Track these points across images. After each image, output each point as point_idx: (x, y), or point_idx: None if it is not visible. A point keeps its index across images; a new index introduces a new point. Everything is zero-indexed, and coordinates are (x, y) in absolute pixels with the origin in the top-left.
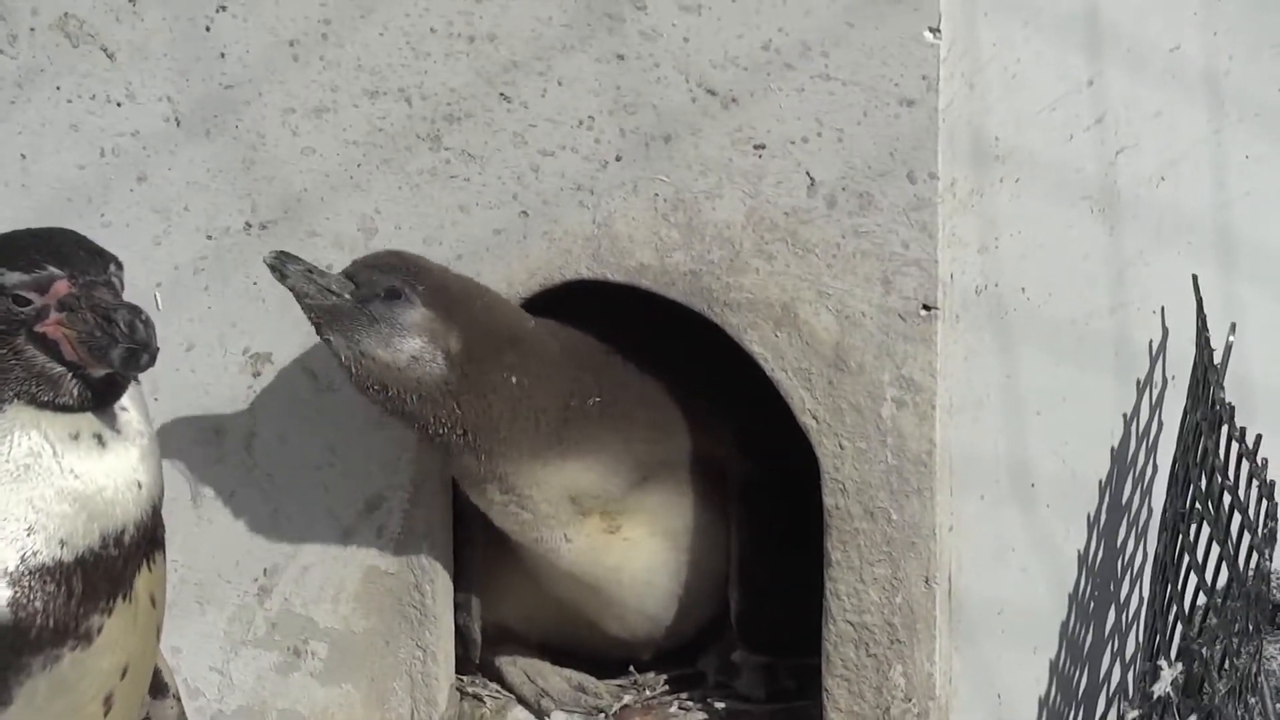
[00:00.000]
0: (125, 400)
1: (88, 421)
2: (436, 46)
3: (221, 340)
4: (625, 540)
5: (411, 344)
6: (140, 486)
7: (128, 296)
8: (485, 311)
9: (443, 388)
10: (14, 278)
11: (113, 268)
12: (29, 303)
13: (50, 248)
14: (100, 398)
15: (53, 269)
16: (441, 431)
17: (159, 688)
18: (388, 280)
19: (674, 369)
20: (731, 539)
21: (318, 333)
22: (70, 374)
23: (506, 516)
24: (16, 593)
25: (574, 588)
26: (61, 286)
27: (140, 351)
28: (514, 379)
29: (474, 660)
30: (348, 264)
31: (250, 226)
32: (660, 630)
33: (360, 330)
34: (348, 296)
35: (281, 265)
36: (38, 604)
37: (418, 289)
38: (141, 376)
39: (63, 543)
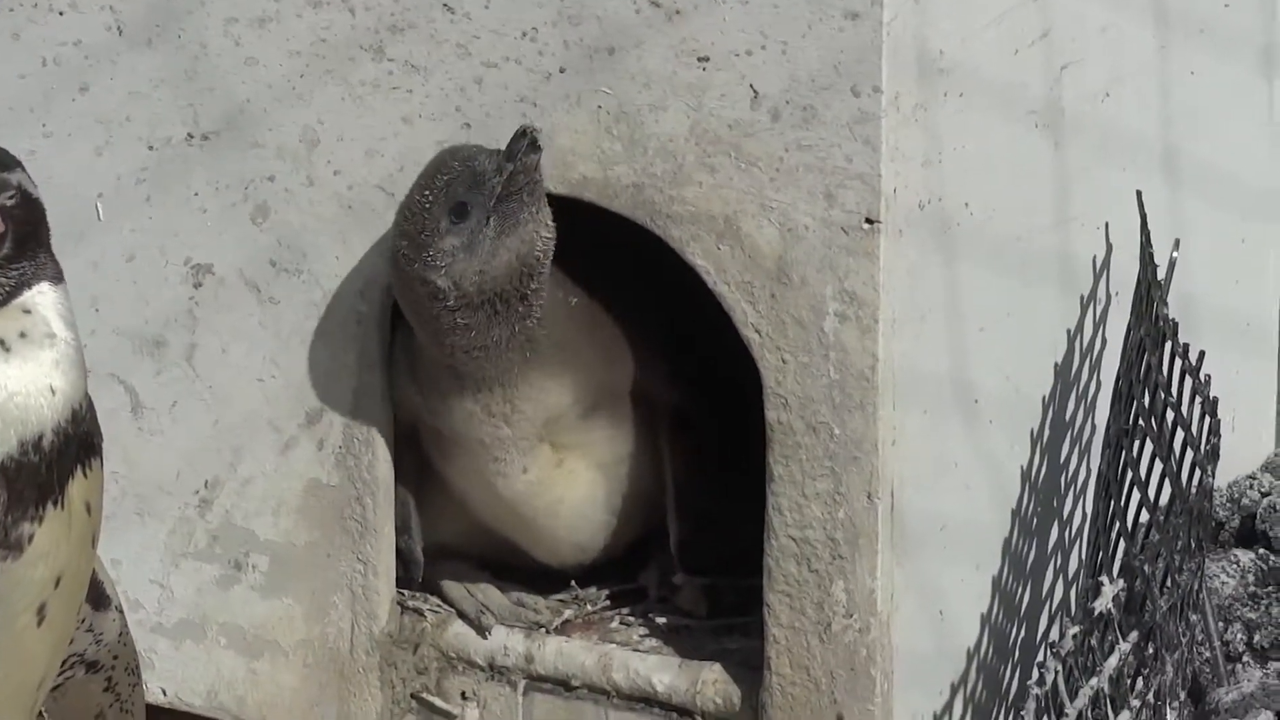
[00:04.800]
0: (33, 303)
1: None
2: None
3: (163, 251)
4: (569, 473)
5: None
6: (54, 391)
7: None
8: None
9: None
10: None
11: None
12: None
13: None
14: None
15: None
16: (530, 317)
17: (100, 599)
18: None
19: (617, 293)
20: (666, 470)
21: (514, 216)
22: None
23: (488, 431)
24: None
25: (508, 518)
26: None
27: None
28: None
29: (416, 580)
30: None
31: (192, 137)
32: (589, 557)
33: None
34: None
35: (535, 140)
36: None
37: None
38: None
39: None
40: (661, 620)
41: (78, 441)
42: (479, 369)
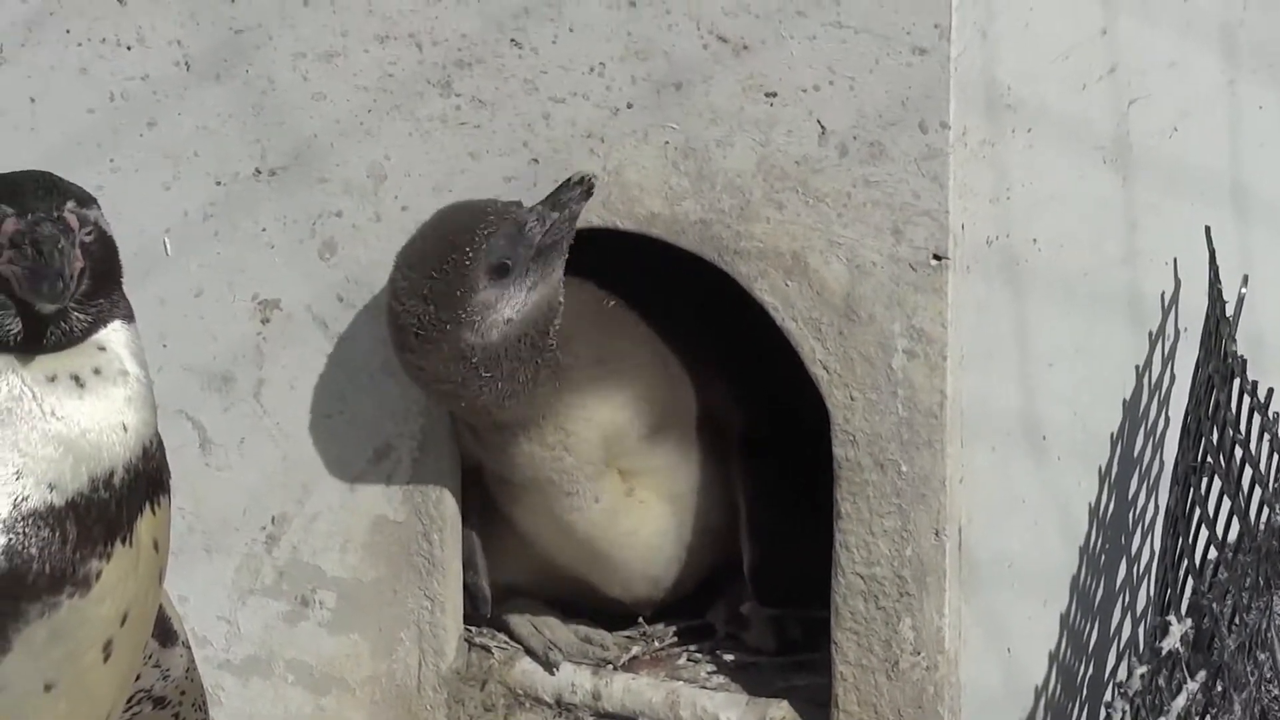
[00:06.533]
0: (107, 340)
1: (63, 362)
2: None
3: (231, 287)
4: (640, 503)
5: None
6: (126, 428)
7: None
8: None
9: None
10: None
11: (71, 204)
12: None
13: (8, 188)
14: (66, 335)
15: (4, 207)
16: (548, 349)
17: (168, 635)
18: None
19: (677, 320)
20: (739, 495)
21: (551, 265)
22: (27, 312)
23: (551, 465)
24: (11, 539)
25: (580, 554)
26: (10, 224)
27: (40, 276)
28: None
29: (484, 616)
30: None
31: (260, 172)
32: (660, 591)
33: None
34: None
35: (590, 187)
36: (33, 550)
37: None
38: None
39: (51, 486)
40: (729, 657)
41: (147, 479)
42: (517, 413)
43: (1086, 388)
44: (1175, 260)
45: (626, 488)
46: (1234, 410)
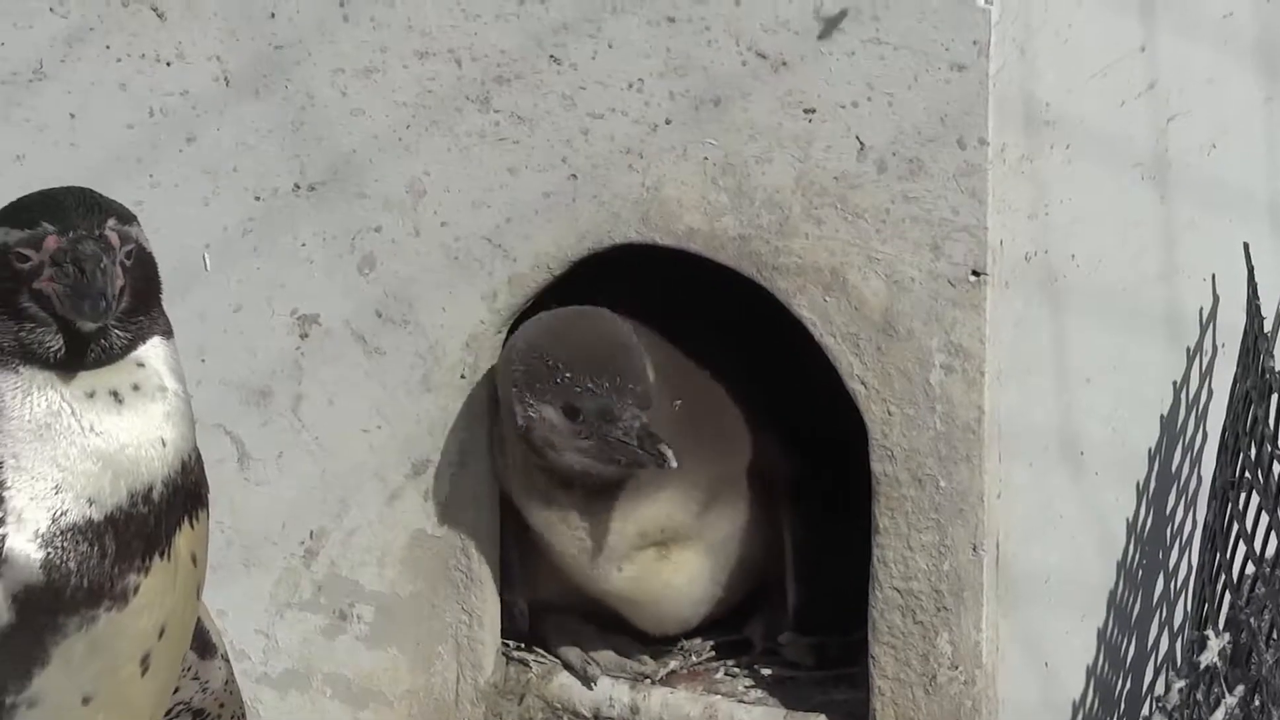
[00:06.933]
0: (146, 357)
1: (102, 379)
2: (486, 8)
3: (269, 302)
4: (674, 563)
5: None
6: (164, 443)
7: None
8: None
9: None
10: (14, 236)
11: (112, 221)
12: (27, 259)
13: (50, 205)
14: (106, 353)
15: (45, 225)
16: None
17: (207, 648)
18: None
19: (726, 362)
20: (786, 538)
21: (603, 457)
22: (68, 329)
23: (569, 541)
24: (50, 553)
25: (609, 596)
26: (51, 242)
27: (82, 295)
28: None
29: (522, 631)
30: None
31: (299, 187)
32: (692, 625)
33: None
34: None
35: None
36: (71, 564)
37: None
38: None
39: (90, 501)
40: (767, 671)
41: (185, 493)
42: (547, 486)
43: (1124, 403)
44: (1213, 276)
45: (659, 553)
46: (1272, 426)
